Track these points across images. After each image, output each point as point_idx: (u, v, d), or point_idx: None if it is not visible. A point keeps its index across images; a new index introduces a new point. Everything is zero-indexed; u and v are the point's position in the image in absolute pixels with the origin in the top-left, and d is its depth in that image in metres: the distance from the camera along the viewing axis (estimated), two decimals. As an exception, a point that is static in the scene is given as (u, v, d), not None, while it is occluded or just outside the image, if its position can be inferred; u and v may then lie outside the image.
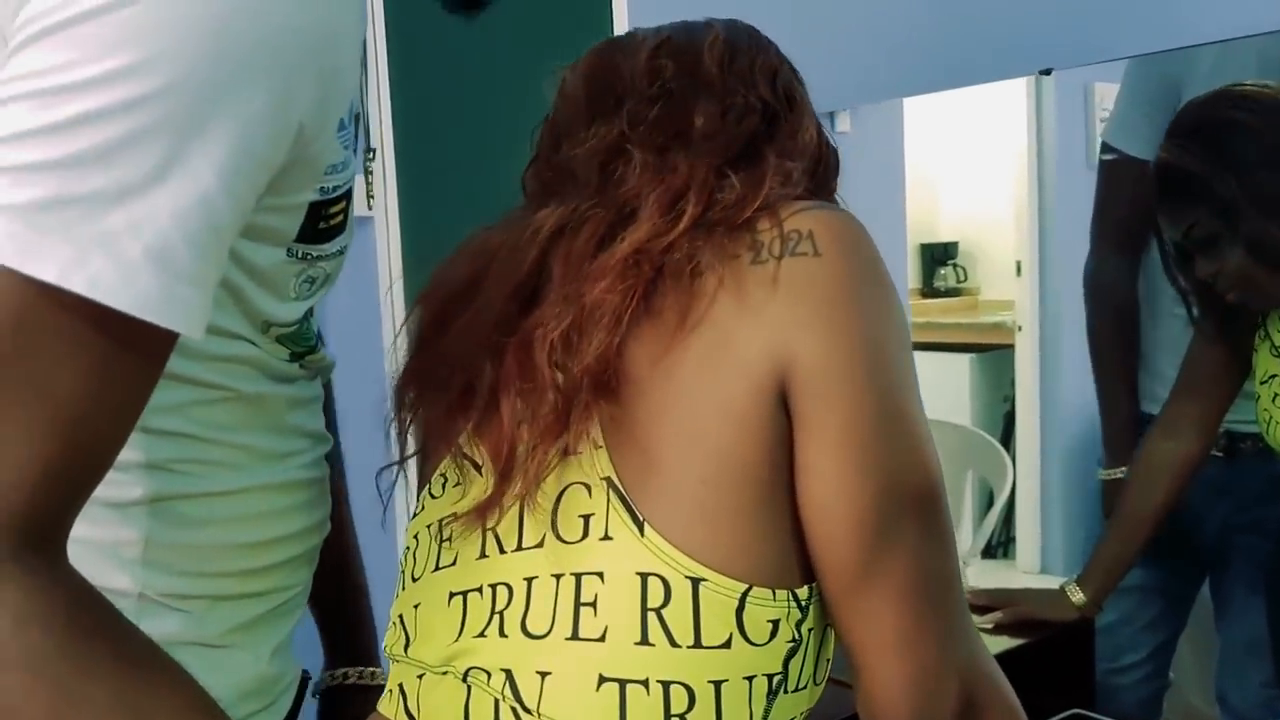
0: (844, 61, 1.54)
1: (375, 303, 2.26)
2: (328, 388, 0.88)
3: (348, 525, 0.98)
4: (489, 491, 0.69)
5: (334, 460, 0.86)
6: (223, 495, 0.71)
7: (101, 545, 0.65)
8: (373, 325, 2.29)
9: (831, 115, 1.66)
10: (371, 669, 0.99)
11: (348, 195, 0.69)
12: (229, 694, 0.67)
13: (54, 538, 0.55)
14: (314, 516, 0.79)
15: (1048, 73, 1.33)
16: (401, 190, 2.23)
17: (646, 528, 0.64)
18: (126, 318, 0.52)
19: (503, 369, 0.70)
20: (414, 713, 0.70)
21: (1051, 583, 1.40)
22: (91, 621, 0.54)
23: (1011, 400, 1.78)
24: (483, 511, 0.69)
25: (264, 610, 0.76)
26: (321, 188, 0.66)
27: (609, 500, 0.65)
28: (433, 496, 0.77)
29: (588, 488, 0.66)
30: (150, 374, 0.57)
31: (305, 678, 0.86)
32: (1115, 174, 1.37)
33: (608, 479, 0.66)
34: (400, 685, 0.72)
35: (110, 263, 0.51)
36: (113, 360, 0.54)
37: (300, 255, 0.68)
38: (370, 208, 2.15)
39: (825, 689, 0.72)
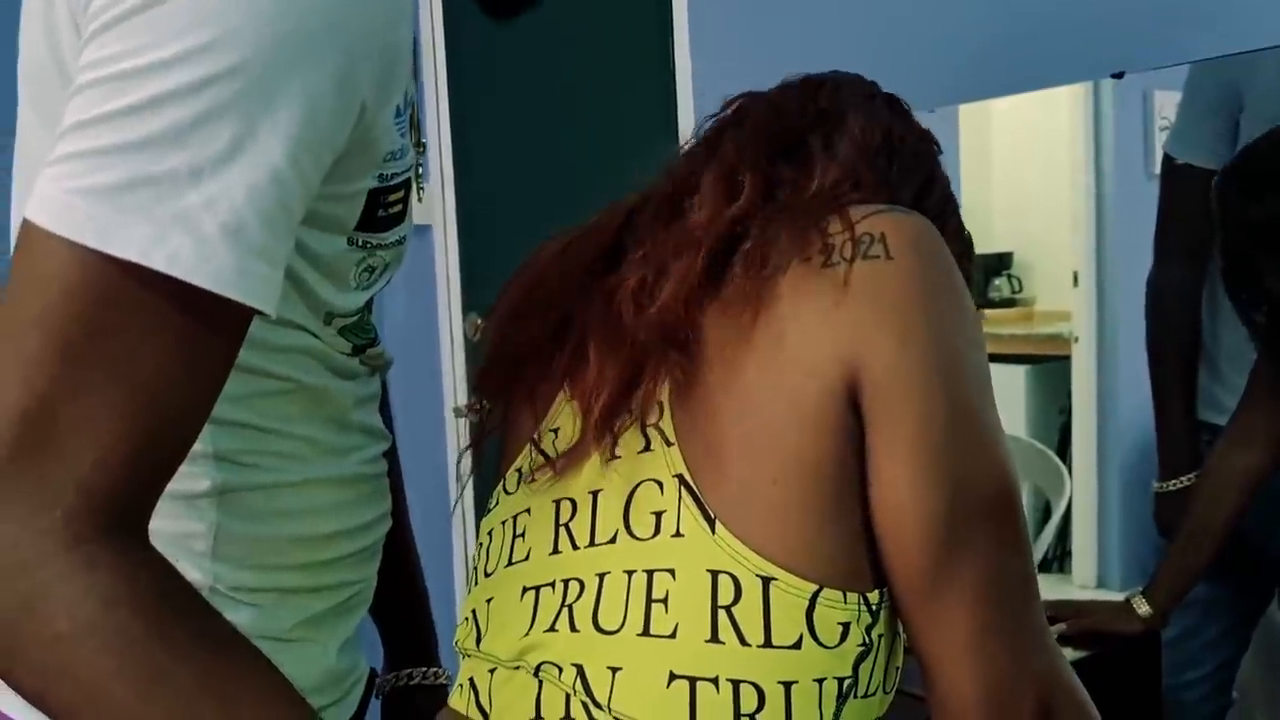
0: (902, 68, 1.53)
1: (434, 311, 2.28)
2: (384, 386, 0.89)
3: (406, 525, 1.00)
4: (575, 439, 0.71)
5: (392, 459, 0.87)
6: (287, 487, 0.73)
7: (172, 538, 0.67)
8: (430, 334, 2.31)
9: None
10: (435, 669, 1.00)
11: (406, 185, 0.71)
12: (300, 686, 0.68)
13: (139, 519, 0.56)
14: (375, 511, 0.81)
15: (1120, 76, 1.31)
16: (460, 201, 2.25)
17: (718, 525, 0.65)
18: (204, 294, 0.54)
19: (589, 316, 0.73)
20: (485, 708, 0.71)
21: (1108, 597, 1.39)
22: (178, 604, 0.55)
23: (1067, 412, 1.76)
24: (571, 456, 0.71)
25: (331, 605, 0.77)
26: (380, 175, 0.67)
27: (680, 497, 0.66)
28: (507, 492, 0.78)
29: (660, 484, 0.67)
30: (228, 353, 0.58)
31: (373, 675, 0.86)
32: (1178, 183, 1.36)
33: (679, 476, 0.66)
34: (471, 679, 0.73)
35: (189, 240, 0.53)
36: (192, 338, 0.55)
37: (361, 244, 0.70)
38: (420, 199, 2.17)
39: (895, 700, 0.71)
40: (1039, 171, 2.12)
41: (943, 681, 0.66)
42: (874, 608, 0.67)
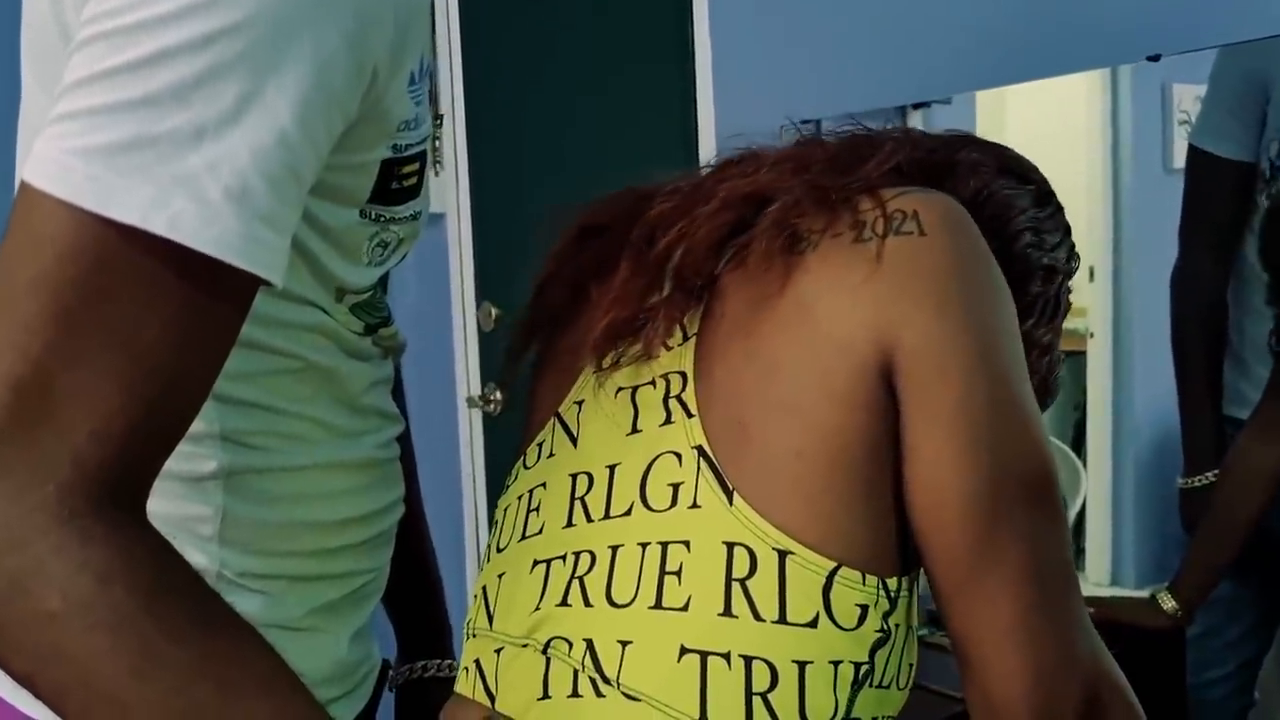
0: (920, 55, 1.52)
1: (447, 300, 2.27)
2: (397, 370, 0.88)
3: (420, 512, 0.98)
4: (597, 330, 0.71)
5: (405, 445, 0.86)
6: (296, 470, 0.71)
7: (177, 521, 0.65)
8: (444, 323, 2.30)
9: (903, 110, 1.64)
10: (449, 661, 0.99)
11: (421, 157, 0.69)
12: (310, 677, 0.67)
13: (137, 494, 0.54)
14: (388, 497, 0.79)
15: (1156, 58, 1.29)
16: (474, 189, 2.24)
17: (735, 497, 0.63)
18: (207, 260, 0.52)
19: (629, 241, 0.73)
20: (492, 689, 0.70)
21: (1123, 595, 1.37)
22: (174, 582, 0.54)
23: (1083, 408, 1.75)
24: (592, 347, 0.71)
25: (342, 594, 0.76)
26: (394, 145, 0.65)
27: (699, 469, 0.65)
28: (526, 467, 0.77)
29: (678, 456, 0.66)
30: (232, 324, 0.56)
31: (386, 666, 0.85)
32: (1203, 174, 1.34)
33: (699, 447, 0.65)
34: (477, 661, 0.72)
35: (191, 203, 0.51)
36: (194, 307, 0.53)
37: (374, 217, 0.68)
38: (437, 174, 2.16)
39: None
40: (1055, 166, 2.09)
41: (984, 668, 0.65)
42: (893, 594, 0.65)
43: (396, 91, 0.62)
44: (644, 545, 0.66)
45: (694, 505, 0.65)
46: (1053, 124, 1.91)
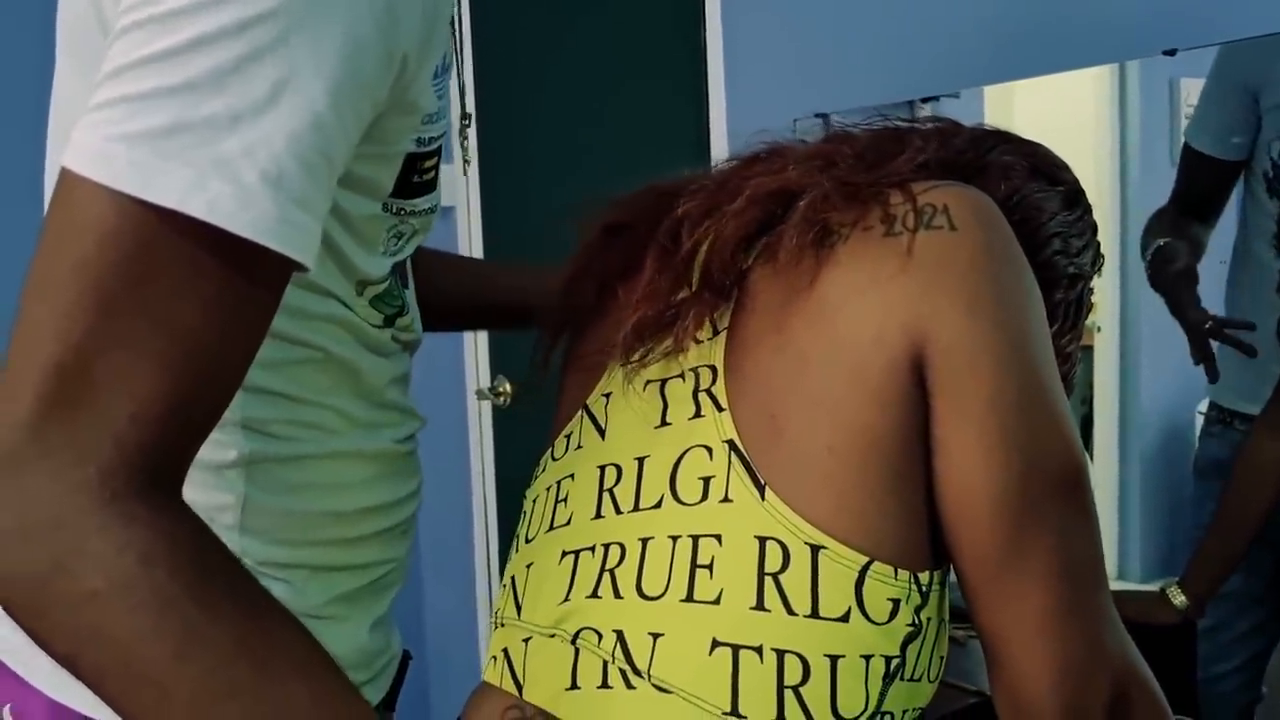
0: (929, 50, 1.52)
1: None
2: None
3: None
4: (627, 327, 0.71)
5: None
6: (315, 459, 0.71)
7: (200, 510, 0.65)
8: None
9: (911, 104, 1.65)
10: None
11: (439, 152, 0.70)
12: None
13: (175, 478, 0.55)
14: (405, 488, 0.80)
15: (1172, 53, 1.30)
16: (484, 183, 2.24)
17: (767, 491, 0.63)
18: (244, 244, 0.52)
19: (654, 239, 0.73)
20: (519, 678, 0.70)
21: (1129, 589, 1.37)
22: (214, 565, 0.54)
23: (1089, 403, 1.75)
24: (621, 344, 0.71)
25: (363, 583, 0.76)
26: (419, 139, 0.66)
27: (730, 463, 0.65)
28: (554, 458, 0.77)
29: (709, 450, 0.66)
30: (267, 307, 0.57)
31: (407, 657, 0.86)
32: (1192, 171, 1.36)
33: (730, 441, 0.65)
34: (505, 650, 0.72)
35: (228, 186, 0.52)
36: (232, 290, 0.54)
37: (394, 210, 0.69)
38: (465, 173, 2.16)
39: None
40: (1063, 159, 2.10)
41: (1012, 664, 0.65)
42: (924, 589, 0.66)
43: (424, 82, 0.63)
44: (675, 538, 0.66)
45: (725, 499, 0.65)
46: (1060, 118, 1.91)
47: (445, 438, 2.26)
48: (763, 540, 0.63)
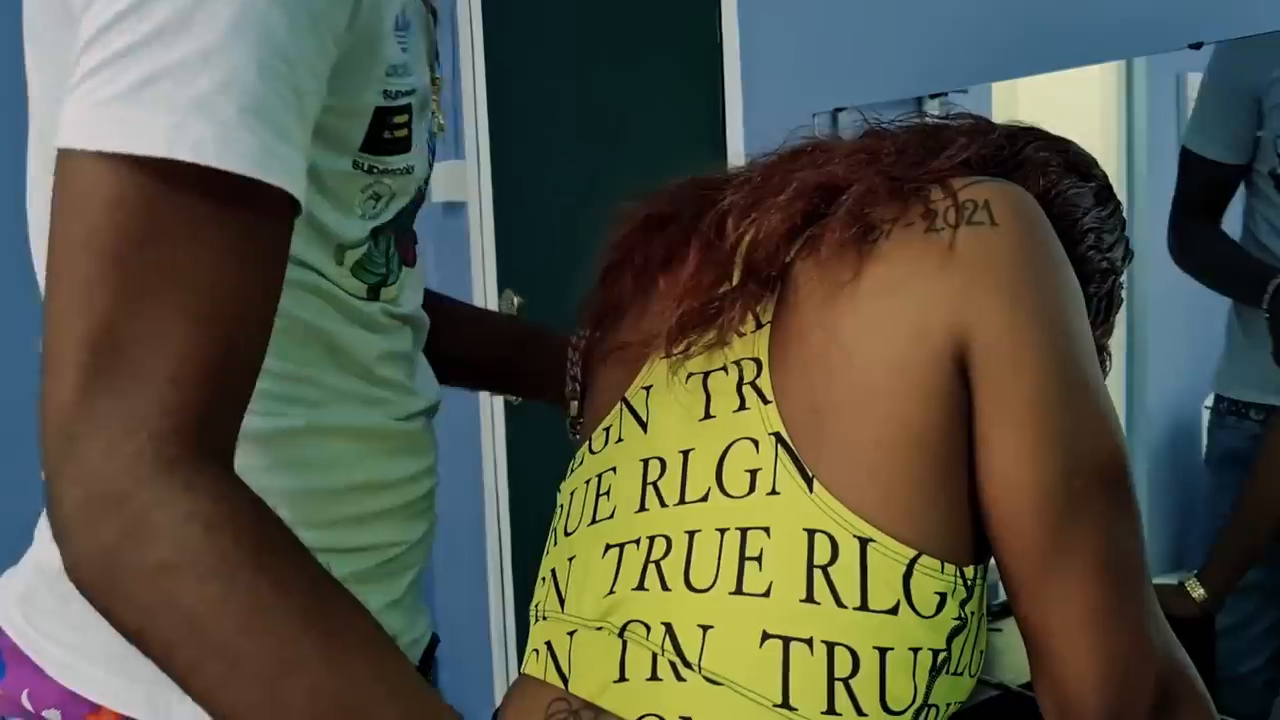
0: (937, 46, 1.53)
1: (468, 289, 2.28)
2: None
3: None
4: (671, 320, 0.71)
5: None
6: (300, 434, 0.70)
7: None
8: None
9: (919, 100, 1.65)
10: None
11: (410, 109, 0.70)
12: None
13: (226, 445, 0.55)
14: (411, 467, 0.79)
15: (1197, 46, 1.30)
16: (495, 177, 2.25)
17: (815, 484, 0.64)
18: (237, 181, 0.53)
19: (697, 231, 0.74)
20: (565, 671, 0.70)
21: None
22: (274, 534, 0.54)
23: (1097, 396, 1.75)
24: (665, 337, 0.71)
25: (370, 565, 0.75)
26: (385, 91, 0.67)
27: (777, 455, 0.65)
28: (592, 451, 0.77)
29: (755, 443, 0.66)
30: (275, 245, 0.57)
31: (434, 642, 0.85)
32: (1190, 174, 1.36)
33: (776, 434, 0.65)
34: (548, 644, 0.72)
35: (209, 125, 0.53)
36: (236, 230, 0.54)
37: (366, 168, 0.69)
38: (441, 134, 2.17)
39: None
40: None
41: (1058, 658, 0.65)
42: (969, 583, 0.66)
43: (384, 28, 0.64)
44: (722, 531, 0.66)
45: (773, 491, 0.65)
46: (1067, 114, 1.91)
47: (458, 433, 2.27)
48: (811, 533, 0.64)
